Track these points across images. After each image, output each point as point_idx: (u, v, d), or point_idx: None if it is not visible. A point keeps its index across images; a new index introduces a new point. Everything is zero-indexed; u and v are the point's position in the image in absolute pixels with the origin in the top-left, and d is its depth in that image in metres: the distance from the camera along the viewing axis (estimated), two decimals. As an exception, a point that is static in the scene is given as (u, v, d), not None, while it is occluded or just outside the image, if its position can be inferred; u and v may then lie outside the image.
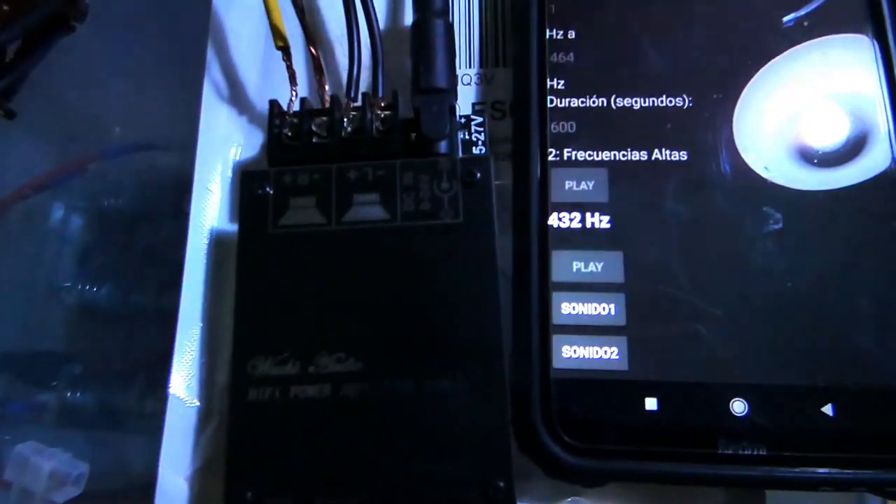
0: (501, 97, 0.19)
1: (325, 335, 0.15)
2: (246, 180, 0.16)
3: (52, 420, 0.26)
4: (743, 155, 0.16)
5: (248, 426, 0.14)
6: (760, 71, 0.17)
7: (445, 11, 0.18)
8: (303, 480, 0.14)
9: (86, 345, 0.27)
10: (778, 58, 0.17)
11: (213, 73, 0.19)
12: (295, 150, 0.17)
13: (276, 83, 0.19)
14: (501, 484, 0.13)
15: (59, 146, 0.29)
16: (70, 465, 0.16)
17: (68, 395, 0.27)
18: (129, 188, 0.29)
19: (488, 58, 0.19)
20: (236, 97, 0.19)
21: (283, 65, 0.18)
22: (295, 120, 0.17)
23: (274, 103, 0.17)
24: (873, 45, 0.17)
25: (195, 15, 0.20)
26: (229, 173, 0.18)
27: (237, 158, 0.19)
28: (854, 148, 0.16)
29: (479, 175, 0.15)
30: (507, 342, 0.15)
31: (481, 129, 0.18)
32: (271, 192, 0.16)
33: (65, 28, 0.19)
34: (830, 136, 0.16)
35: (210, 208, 0.18)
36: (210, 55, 0.19)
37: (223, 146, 0.19)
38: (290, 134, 0.17)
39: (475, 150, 0.18)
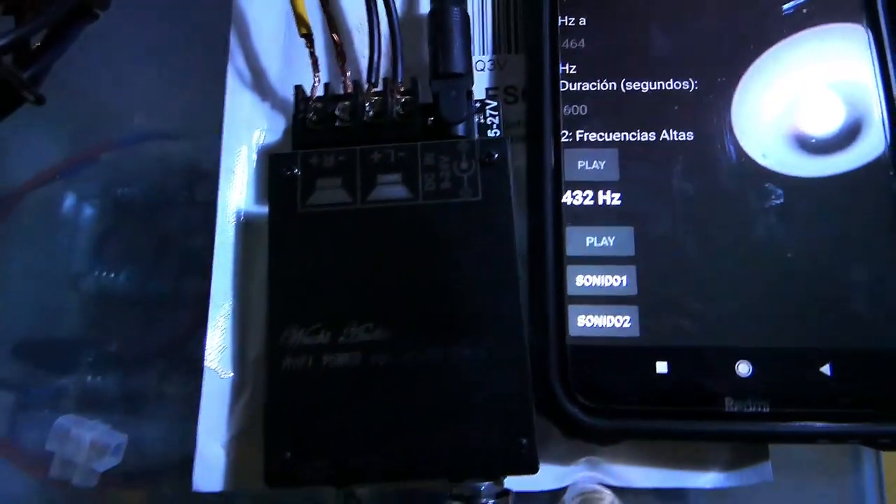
0: (513, 82, 0.20)
1: (354, 307, 0.16)
2: (274, 163, 0.17)
3: (72, 405, 0.27)
4: (741, 141, 0.17)
5: (284, 393, 0.15)
6: (759, 58, 0.18)
7: (461, 0, 0.18)
8: (337, 442, 0.15)
9: (104, 331, 0.28)
10: (776, 45, 0.18)
11: (237, 61, 0.20)
12: (319, 134, 0.17)
13: (296, 70, 0.20)
14: (524, 441, 0.14)
15: (73, 135, 0.29)
16: (109, 436, 0.17)
17: (88, 379, 0.27)
18: (143, 176, 0.29)
19: (501, 44, 0.20)
20: (259, 84, 0.20)
21: (303, 53, 0.19)
22: (319, 105, 0.18)
23: (299, 89, 0.18)
24: (867, 34, 0.18)
25: (217, 4, 0.20)
26: (254, 157, 0.19)
27: (261, 143, 0.19)
28: (849, 135, 0.17)
29: (496, 155, 0.16)
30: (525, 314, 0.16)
31: (496, 112, 0.19)
32: (299, 173, 0.17)
33: (88, 16, 0.20)
34: (826, 124, 0.17)
35: (236, 191, 0.19)
36: (233, 44, 0.20)
37: (247, 131, 0.19)
38: (314, 118, 0.17)
39: (490, 133, 0.18)
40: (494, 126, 0.19)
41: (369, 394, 0.15)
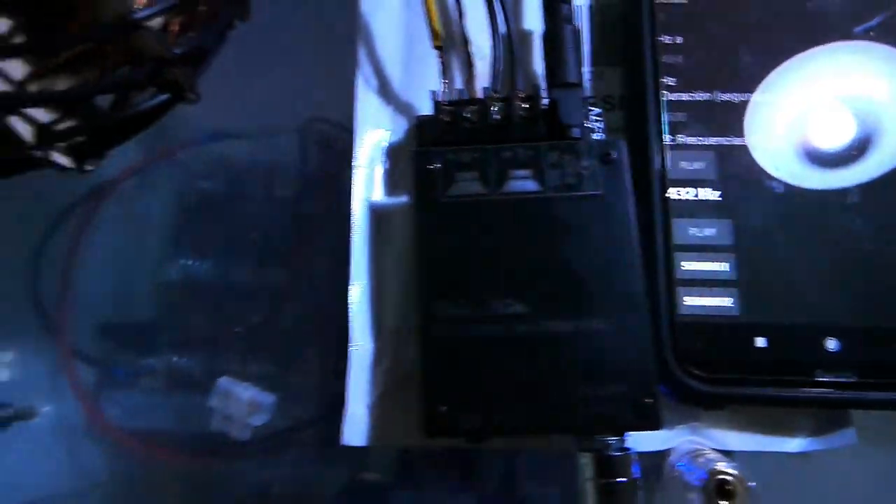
0: (611, 92, 0.22)
1: (495, 284, 0.18)
2: (419, 158, 0.19)
3: (157, 383, 0.29)
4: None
5: (438, 357, 0.17)
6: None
7: (571, 18, 0.21)
8: (485, 399, 0.17)
9: (187, 314, 0.30)
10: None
11: (364, 69, 0.22)
12: (450, 133, 0.20)
13: (414, 76, 0.22)
14: (648, 401, 0.17)
15: (156, 133, 0.31)
16: (262, 395, 0.19)
17: (174, 359, 0.29)
18: (223, 171, 0.32)
19: (598, 58, 0.22)
20: (384, 89, 0.22)
21: (418, 60, 0.21)
22: (450, 108, 0.20)
23: (434, 93, 0.20)
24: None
25: (345, 17, 0.23)
26: (380, 154, 0.22)
27: (387, 141, 0.22)
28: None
29: (614, 154, 0.19)
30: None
31: (600, 118, 0.21)
32: (440, 167, 0.19)
33: (230, 25, 0.22)
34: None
35: (366, 183, 0.21)
36: (360, 54, 0.22)
37: (374, 131, 0.22)
38: (446, 119, 0.20)
39: (595, 136, 0.21)
40: (598, 130, 0.21)
41: (511, 359, 0.17)
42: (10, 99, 0.16)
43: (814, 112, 0.20)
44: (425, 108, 0.22)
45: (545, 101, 0.20)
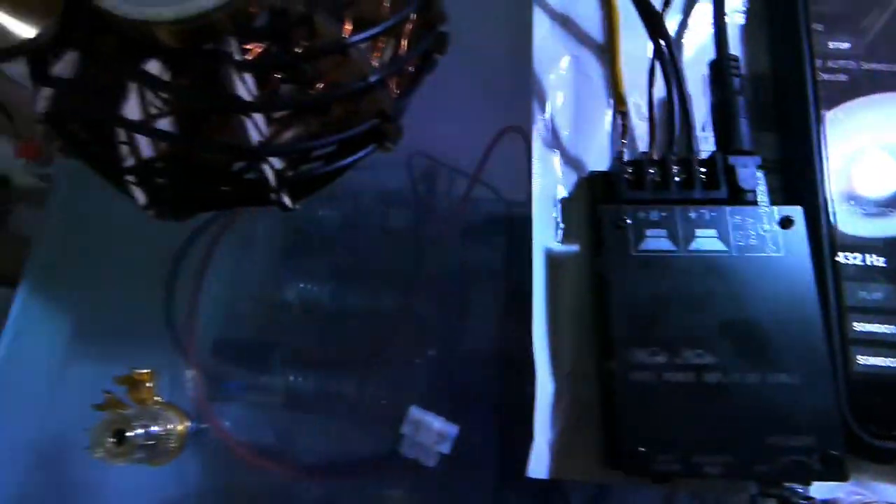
0: (769, 155, 0.24)
1: (685, 335, 0.19)
2: (609, 214, 0.21)
3: (270, 400, 0.30)
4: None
5: (635, 401, 0.19)
6: None
7: (743, 90, 0.23)
8: (679, 443, 0.18)
9: (304, 336, 0.32)
10: None
11: (538, 123, 0.24)
12: (634, 190, 0.21)
13: (585, 135, 0.24)
14: (835, 453, 0.18)
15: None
16: (448, 426, 0.21)
17: (291, 379, 0.31)
18: (341, 202, 0.33)
19: (758, 123, 0.24)
20: (556, 143, 0.24)
21: (589, 121, 0.23)
22: (631, 168, 0.22)
23: (619, 154, 0.22)
24: None
25: (519, 77, 0.25)
26: (557, 205, 0.23)
27: (562, 195, 0.24)
28: None
29: (793, 220, 0.20)
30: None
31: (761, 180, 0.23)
32: (630, 223, 0.20)
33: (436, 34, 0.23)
34: None
35: (545, 233, 0.23)
36: (535, 113, 0.24)
37: (551, 185, 0.24)
38: (630, 179, 0.22)
39: (758, 197, 0.23)
40: (761, 192, 0.23)
41: (703, 406, 0.19)
42: (284, 149, 0.19)
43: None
44: (593, 163, 0.24)
45: (722, 165, 0.21)
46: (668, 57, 0.22)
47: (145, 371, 0.22)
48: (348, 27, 0.20)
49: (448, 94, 0.26)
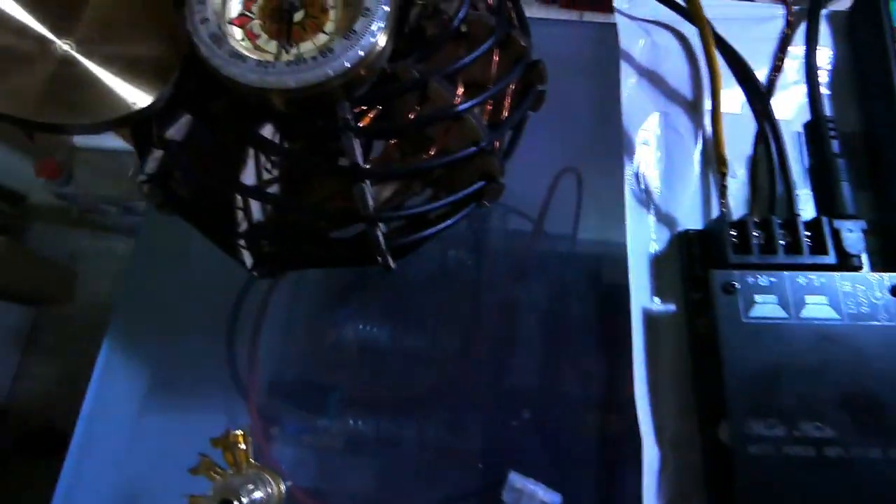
0: (863, 216, 0.23)
1: (803, 407, 0.19)
2: (719, 278, 0.20)
3: (326, 442, 0.30)
4: None
5: (754, 474, 0.18)
6: None
7: (842, 154, 0.22)
8: (803, 520, 0.18)
9: (363, 377, 0.31)
10: None
11: (631, 182, 0.24)
12: (741, 255, 0.21)
13: (675, 193, 0.24)
14: (965, 534, 0.18)
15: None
16: (551, 494, 0.21)
17: (350, 423, 0.31)
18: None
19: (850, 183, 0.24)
20: (648, 201, 0.24)
21: (683, 178, 0.23)
22: (735, 230, 0.21)
23: (723, 214, 0.22)
24: None
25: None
26: (647, 262, 0.23)
27: (654, 251, 0.23)
28: None
29: (904, 289, 0.20)
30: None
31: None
32: (739, 288, 0.20)
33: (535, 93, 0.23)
34: None
35: (642, 291, 0.23)
36: (626, 166, 0.24)
37: (644, 243, 0.23)
38: (735, 241, 0.21)
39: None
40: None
41: (824, 480, 0.18)
42: (402, 215, 0.18)
43: None
44: (683, 221, 0.23)
45: (829, 229, 0.21)
46: (767, 118, 0.22)
47: (240, 433, 0.21)
48: (460, 90, 0.20)
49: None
